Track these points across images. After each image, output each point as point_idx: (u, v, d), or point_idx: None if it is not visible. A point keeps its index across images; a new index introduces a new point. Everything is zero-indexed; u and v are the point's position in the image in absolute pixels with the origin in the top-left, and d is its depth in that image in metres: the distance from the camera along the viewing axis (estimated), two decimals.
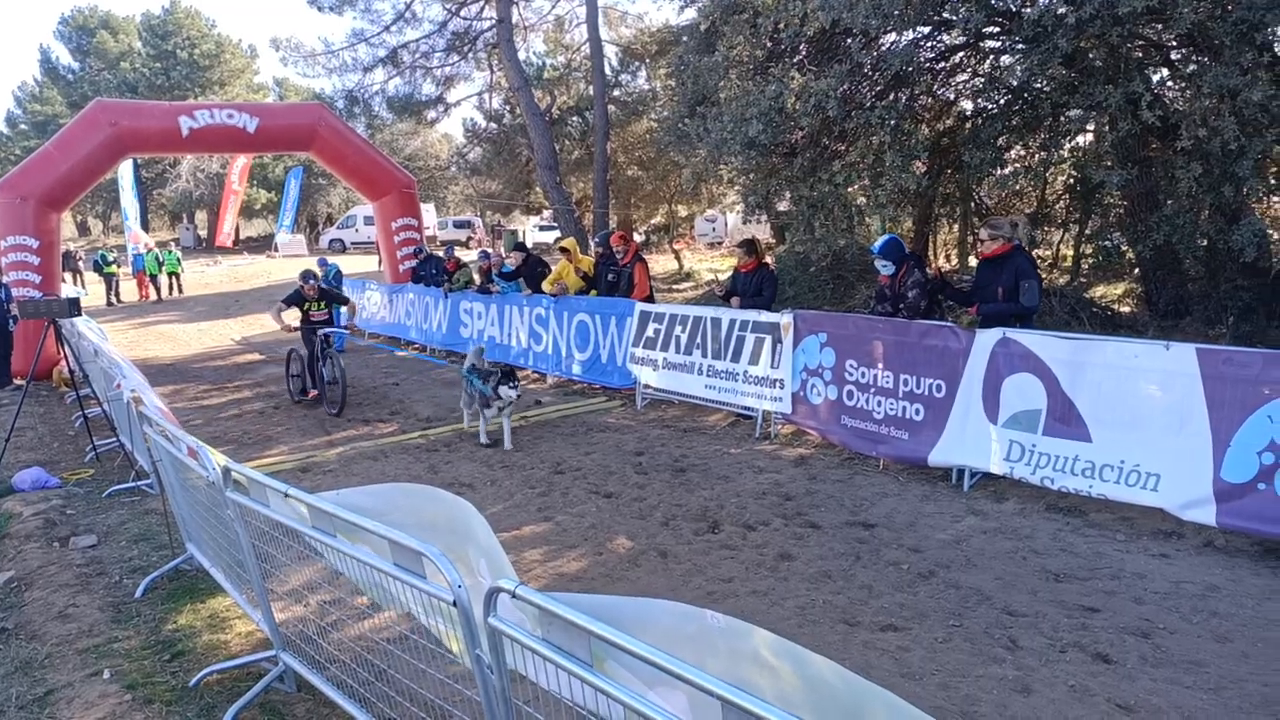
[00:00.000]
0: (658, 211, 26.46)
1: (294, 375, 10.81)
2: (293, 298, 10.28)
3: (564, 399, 10.15)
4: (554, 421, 9.11)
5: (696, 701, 1.93)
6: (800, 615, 4.44)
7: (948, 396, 6.63)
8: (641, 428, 8.64)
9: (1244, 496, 5.04)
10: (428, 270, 14.95)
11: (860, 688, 1.94)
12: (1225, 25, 6.36)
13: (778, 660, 2.10)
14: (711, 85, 9.58)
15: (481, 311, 12.72)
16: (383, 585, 2.97)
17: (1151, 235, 8.06)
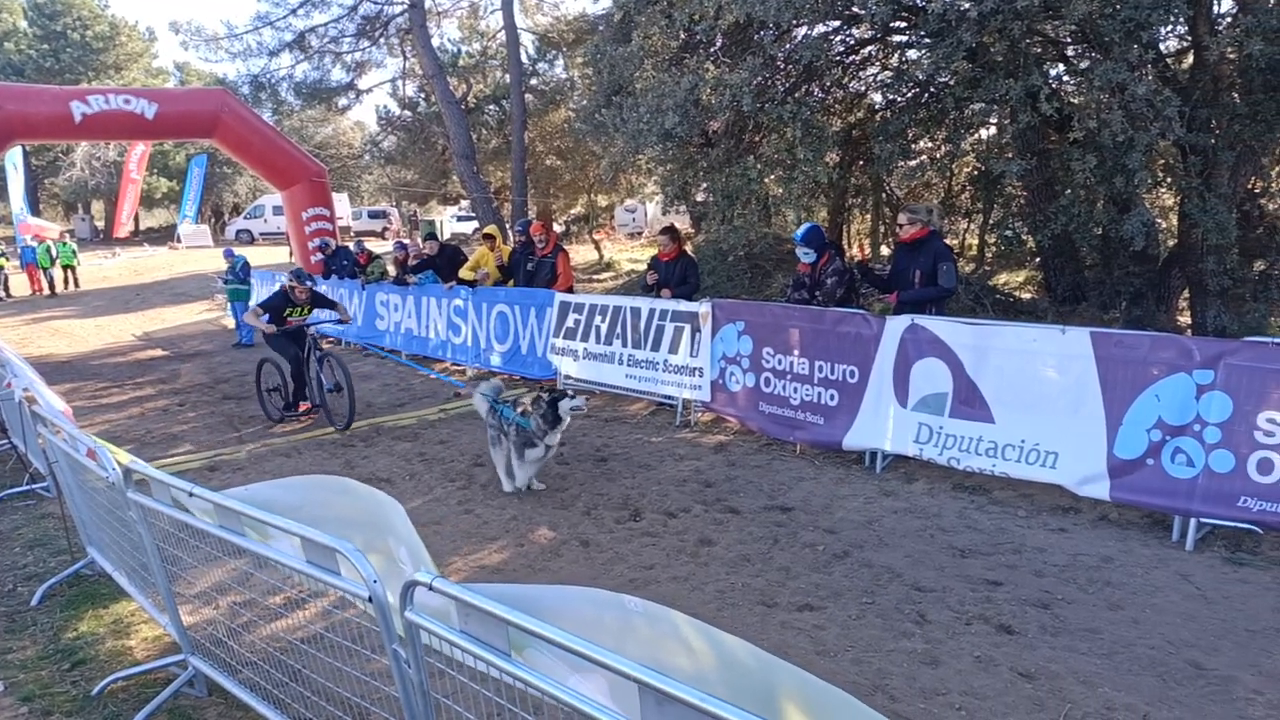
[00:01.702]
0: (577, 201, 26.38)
1: (271, 390, 8.96)
2: (274, 303, 8.59)
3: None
4: (474, 413, 9.01)
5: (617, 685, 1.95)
6: (720, 599, 4.52)
7: (860, 382, 6.81)
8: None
9: (1135, 472, 5.33)
10: (338, 263, 14.60)
11: (772, 665, 2.00)
12: (1114, 23, 6.68)
13: (695, 641, 2.14)
14: (628, 75, 9.59)
15: (398, 303, 12.48)
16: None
17: (1050, 224, 8.43)
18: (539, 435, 6.04)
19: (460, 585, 2.15)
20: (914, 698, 3.54)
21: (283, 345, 8.61)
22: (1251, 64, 7.28)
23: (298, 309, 8.65)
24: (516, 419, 6.09)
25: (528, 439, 6.07)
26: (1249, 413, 4.88)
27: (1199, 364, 5.07)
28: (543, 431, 6.02)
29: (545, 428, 6.02)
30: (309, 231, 16.65)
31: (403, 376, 11.21)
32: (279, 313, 8.56)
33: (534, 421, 6.02)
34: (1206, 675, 3.66)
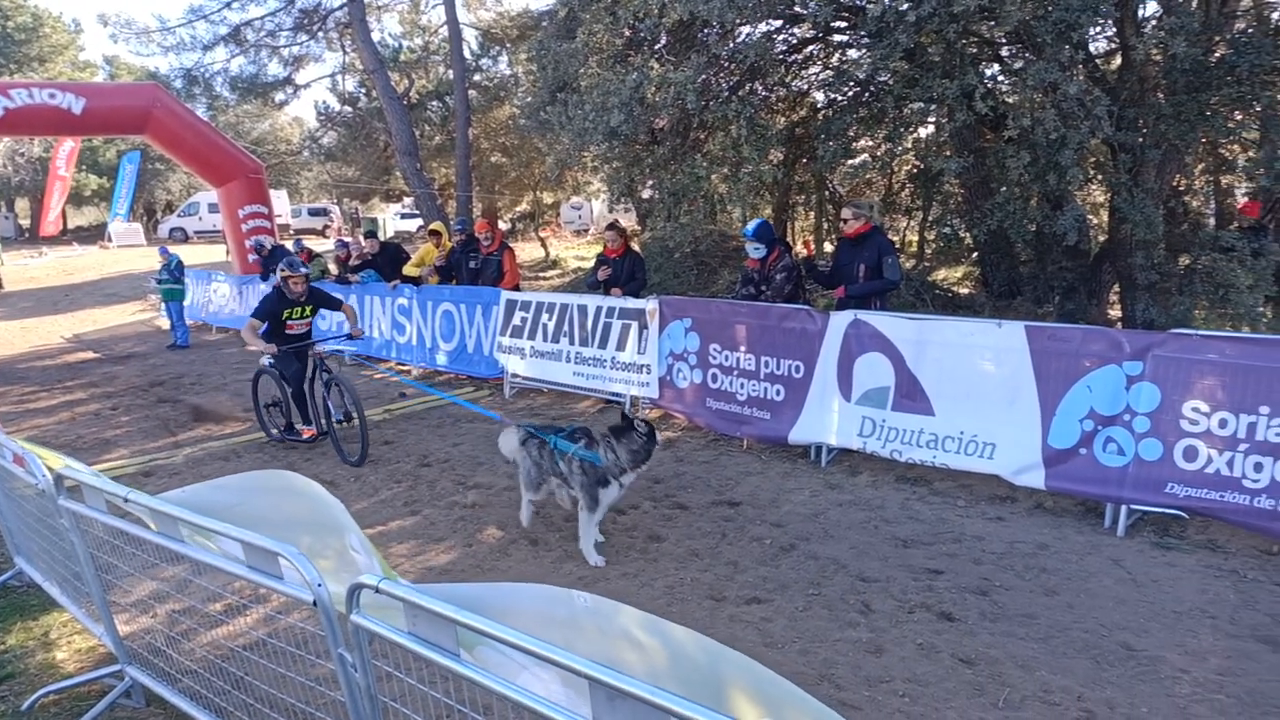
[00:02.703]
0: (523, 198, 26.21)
1: (269, 406, 7.94)
2: (270, 307, 7.35)
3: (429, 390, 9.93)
4: (420, 414, 8.92)
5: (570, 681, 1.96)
6: (669, 594, 4.54)
7: (806, 377, 6.90)
8: (512, 417, 8.56)
9: (1068, 461, 5.50)
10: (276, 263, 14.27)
11: (721, 656, 2.02)
12: (1047, 24, 6.86)
13: (644, 636, 2.15)
14: (572, 72, 9.56)
15: None
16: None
17: (986, 221, 8.63)
18: (616, 472, 4.84)
19: (408, 586, 2.14)
20: (859, 686, 3.61)
21: (285, 362, 7.45)
22: (1175, 65, 7.54)
23: (298, 309, 7.45)
24: (580, 452, 4.84)
25: (600, 477, 4.82)
26: (1176, 402, 5.07)
27: (1128, 356, 5.26)
28: (620, 468, 4.85)
29: (624, 463, 4.85)
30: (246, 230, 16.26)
31: None
32: (277, 318, 7.37)
33: (608, 454, 4.83)
34: (1137, 656, 3.80)
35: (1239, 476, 4.86)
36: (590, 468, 4.84)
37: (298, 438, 7.60)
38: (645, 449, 4.85)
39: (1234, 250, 7.85)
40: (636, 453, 4.84)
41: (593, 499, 4.85)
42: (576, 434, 5.02)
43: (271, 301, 7.37)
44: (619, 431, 4.90)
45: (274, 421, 7.91)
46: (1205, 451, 4.97)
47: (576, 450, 4.89)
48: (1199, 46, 7.33)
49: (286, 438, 7.71)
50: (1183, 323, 7.85)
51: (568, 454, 4.94)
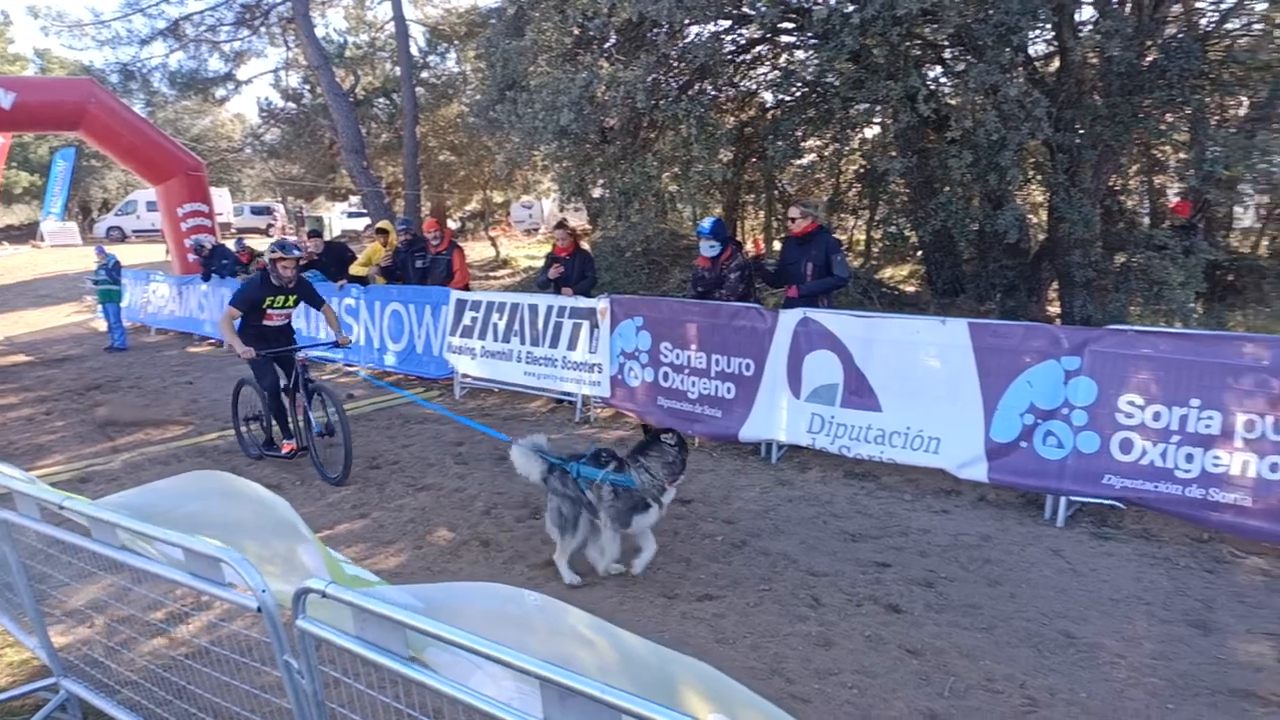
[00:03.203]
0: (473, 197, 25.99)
1: (249, 419, 7.34)
2: (250, 293, 6.70)
3: (378, 391, 9.81)
4: (368, 415, 8.80)
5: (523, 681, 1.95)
6: (622, 592, 4.54)
7: (756, 375, 6.96)
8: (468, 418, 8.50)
9: (1010, 454, 5.63)
10: (217, 263, 13.97)
11: (669, 658, 2.03)
12: (987, 28, 7.03)
13: (594, 636, 2.15)
14: (521, 70, 9.51)
15: None
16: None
17: (930, 220, 8.81)
18: (655, 492, 4.46)
19: (355, 590, 2.11)
20: (809, 679, 3.65)
21: (261, 368, 6.78)
22: (1110, 68, 7.79)
23: (281, 297, 6.78)
24: (611, 477, 4.48)
25: (636, 501, 4.47)
26: (1111, 396, 5.23)
27: (1067, 351, 5.41)
28: (659, 487, 4.47)
29: (661, 481, 4.48)
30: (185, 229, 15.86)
31: None
32: (256, 306, 6.72)
33: (642, 475, 4.47)
34: (1077, 643, 3.91)
35: (1171, 467, 5.03)
36: (625, 493, 4.44)
37: (278, 454, 7.00)
38: (679, 459, 4.54)
39: (1166, 248, 8.14)
40: (671, 465, 4.50)
41: (624, 522, 4.50)
42: (601, 456, 4.60)
43: (254, 287, 6.72)
44: (646, 448, 4.55)
45: (253, 437, 7.32)
46: (1140, 443, 5.14)
47: (606, 475, 4.47)
48: (1132, 50, 7.58)
49: (266, 454, 7.13)
50: (1118, 319, 8.10)
51: (595, 481, 4.49)
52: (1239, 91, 8.61)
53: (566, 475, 4.59)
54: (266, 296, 6.70)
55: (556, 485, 4.63)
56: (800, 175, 11.68)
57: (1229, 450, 4.85)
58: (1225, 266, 10.56)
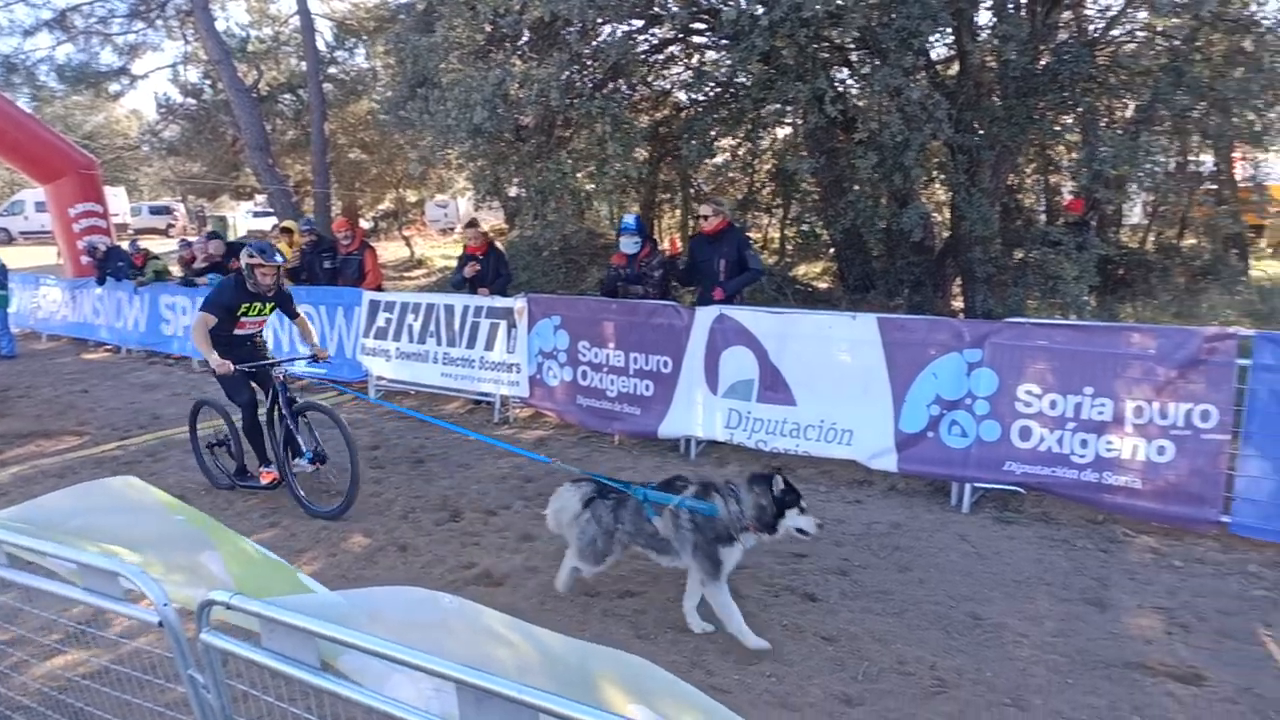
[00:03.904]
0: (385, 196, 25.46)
1: (216, 445, 6.45)
2: (224, 299, 5.88)
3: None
4: None
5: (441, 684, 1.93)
6: (543, 593, 4.53)
7: (674, 372, 7.02)
8: (376, 421, 8.34)
9: (918, 444, 5.83)
10: (112, 265, 13.33)
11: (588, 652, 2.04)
12: (890, 31, 7.25)
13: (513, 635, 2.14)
14: (433, 67, 9.35)
15: (186, 306, 11.56)
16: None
17: (840, 218, 9.03)
18: (737, 526, 3.87)
19: (262, 600, 2.05)
20: (729, 670, 3.71)
21: (235, 384, 5.89)
22: (1007, 71, 8.11)
23: (257, 305, 5.97)
24: (689, 503, 3.88)
25: (720, 533, 3.85)
26: (1011, 386, 5.46)
27: (969, 344, 5.62)
28: (740, 525, 3.87)
29: (748, 518, 3.85)
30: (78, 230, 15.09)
31: (194, 385, 10.41)
32: (231, 313, 5.89)
33: (730, 504, 3.87)
34: (983, 624, 4.07)
35: (1068, 453, 5.28)
36: (706, 522, 3.87)
37: (256, 484, 6.15)
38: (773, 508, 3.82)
39: (1061, 244, 8.52)
40: (762, 509, 3.82)
41: (712, 561, 3.86)
42: (678, 482, 4.06)
43: (228, 292, 5.90)
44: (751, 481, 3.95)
45: (221, 465, 6.46)
46: (1038, 431, 5.38)
47: (684, 501, 3.92)
48: (1027, 54, 7.90)
49: (240, 484, 6.26)
50: (1017, 312, 8.46)
51: (669, 506, 3.94)
52: (1125, 95, 9.08)
53: (622, 503, 4.08)
54: (241, 303, 5.88)
55: (601, 517, 4.11)
56: (714, 174, 11.82)
57: (1120, 435, 5.12)
58: (1116, 261, 11.12)
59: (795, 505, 3.84)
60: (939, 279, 10.62)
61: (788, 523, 3.84)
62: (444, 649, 1.93)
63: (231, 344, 5.89)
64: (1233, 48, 7.64)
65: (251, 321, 6.07)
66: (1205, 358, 4.87)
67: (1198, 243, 11.80)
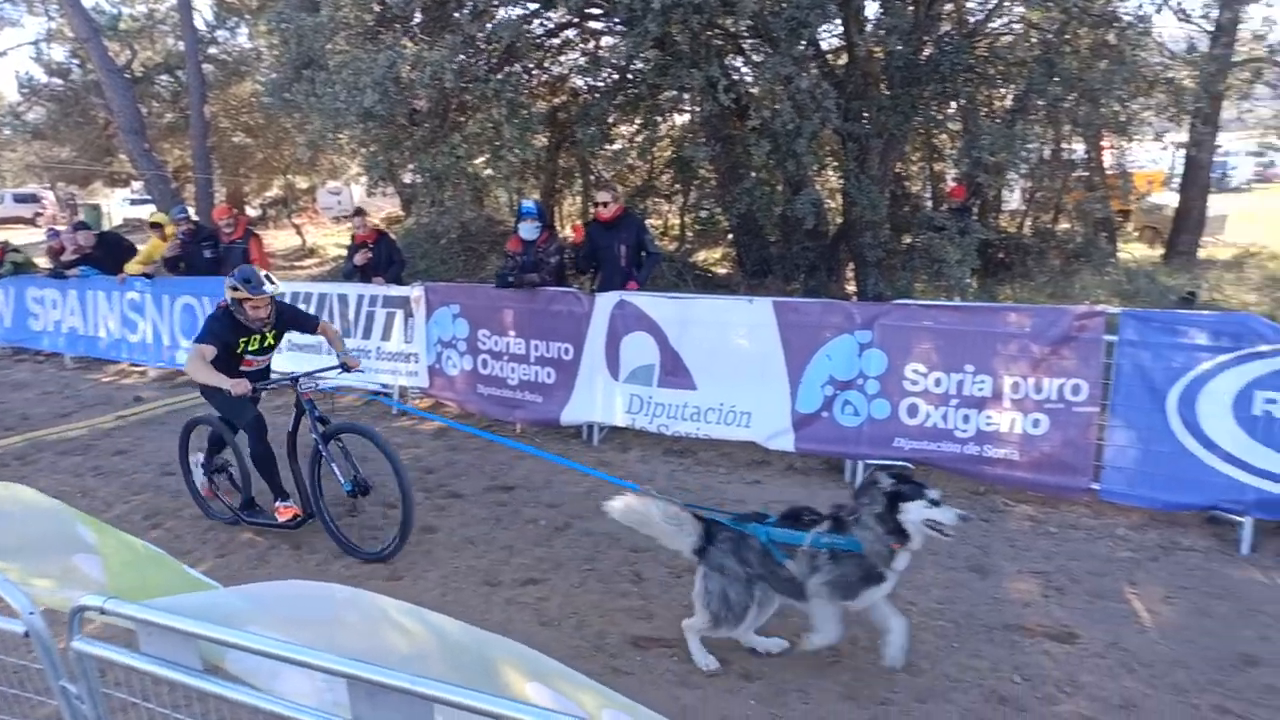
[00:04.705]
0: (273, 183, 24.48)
1: (216, 471, 5.57)
2: (218, 330, 4.96)
3: (171, 392, 9.09)
4: (160, 418, 8.14)
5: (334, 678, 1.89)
6: (444, 584, 4.47)
7: (575, 359, 7.01)
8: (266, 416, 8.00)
9: (813, 424, 5.99)
10: None
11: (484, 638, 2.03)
12: (781, 21, 7.38)
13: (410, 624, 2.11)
14: (319, 48, 9.02)
15: (57, 299, 10.87)
16: None
17: (737, 205, 9.17)
18: (884, 555, 3.42)
19: (139, 604, 1.96)
20: (631, 652, 3.75)
21: (237, 402, 4.86)
22: (892, 61, 8.37)
23: (256, 338, 5.07)
24: (825, 540, 3.45)
25: (867, 570, 3.43)
26: (899, 365, 5.67)
27: (859, 325, 5.80)
28: (889, 550, 3.41)
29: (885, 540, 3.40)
30: None
31: (67, 383, 9.82)
32: (230, 350, 5.00)
33: (865, 535, 3.41)
34: None
35: (951, 428, 5.53)
36: (851, 560, 3.42)
37: (269, 521, 5.20)
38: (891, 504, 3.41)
39: (945, 229, 8.86)
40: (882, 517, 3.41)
41: (850, 595, 3.47)
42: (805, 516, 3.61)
43: (220, 324, 4.96)
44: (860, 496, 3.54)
45: (222, 494, 5.57)
46: (924, 408, 5.61)
47: (819, 539, 3.46)
48: (910, 45, 8.18)
49: (247, 520, 5.30)
50: (906, 294, 8.78)
51: (802, 547, 3.48)
52: (1002, 85, 9.50)
53: (742, 544, 3.58)
54: (239, 338, 5.01)
55: (727, 564, 3.55)
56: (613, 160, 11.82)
57: (999, 410, 5.39)
58: (996, 245, 11.63)
59: (917, 498, 3.36)
60: (833, 263, 10.91)
61: (912, 518, 3.35)
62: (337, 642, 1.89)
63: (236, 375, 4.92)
64: (1098, 41, 8.08)
65: (258, 358, 5.20)
66: (1076, 335, 5.17)
67: (1071, 227, 12.46)
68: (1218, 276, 11.46)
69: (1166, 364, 4.93)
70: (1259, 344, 4.68)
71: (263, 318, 4.96)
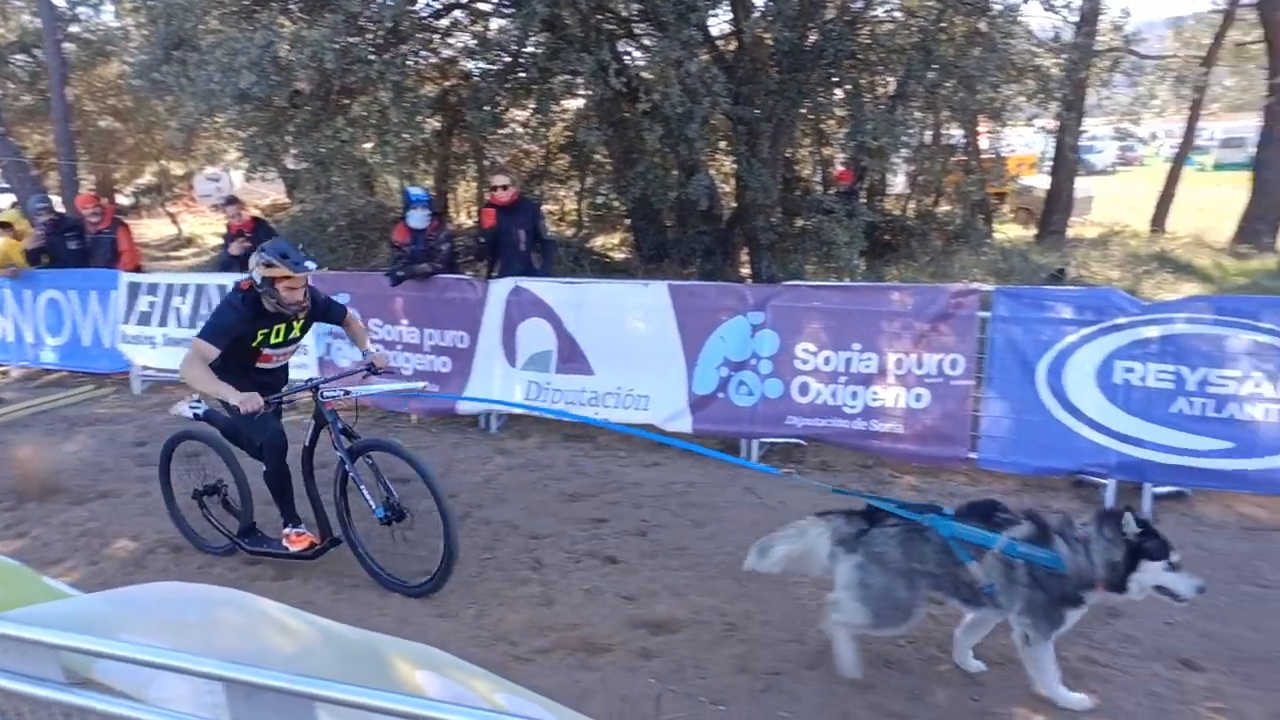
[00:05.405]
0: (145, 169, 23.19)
1: (205, 493, 4.81)
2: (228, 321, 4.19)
3: (36, 393, 8.54)
4: (25, 421, 7.63)
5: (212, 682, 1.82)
6: (336, 583, 4.36)
7: (471, 347, 6.92)
8: (143, 415, 7.63)
9: (709, 405, 6.09)
10: None
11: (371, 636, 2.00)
12: (669, 4, 7.43)
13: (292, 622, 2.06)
14: (189, 27, 8.58)
15: None
16: None
17: (632, 189, 9.21)
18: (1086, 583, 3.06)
19: None
20: (532, 638, 3.75)
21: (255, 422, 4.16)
22: (780, 47, 8.53)
23: (281, 327, 4.33)
24: (1027, 551, 3.07)
25: (1066, 593, 3.08)
26: (790, 345, 5.82)
27: (752, 307, 5.92)
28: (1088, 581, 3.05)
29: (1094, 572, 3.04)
30: None
31: None
32: (245, 344, 4.25)
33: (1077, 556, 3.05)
34: None
35: (840, 405, 5.71)
36: (1050, 577, 3.07)
37: (278, 550, 4.49)
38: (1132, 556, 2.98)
39: (833, 212, 9.13)
40: (1114, 565, 3.00)
41: (1050, 623, 3.11)
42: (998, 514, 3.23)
43: (235, 315, 4.19)
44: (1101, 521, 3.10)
45: (217, 519, 4.78)
46: (815, 386, 5.77)
47: (1014, 547, 3.09)
48: (795, 31, 8.35)
49: (249, 549, 4.56)
50: (798, 276, 8.99)
51: (993, 551, 3.12)
52: (883, 71, 9.82)
53: (916, 536, 3.23)
54: (259, 330, 4.25)
55: (887, 552, 3.23)
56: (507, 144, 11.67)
57: (884, 386, 5.60)
58: (882, 227, 12.03)
59: (1160, 559, 2.97)
60: (728, 247, 11.08)
61: (1145, 579, 2.98)
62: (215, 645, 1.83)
63: (249, 376, 4.28)
64: (971, 29, 8.44)
65: (279, 351, 4.45)
66: (953, 312, 5.41)
67: (951, 209, 13.00)
68: (1085, 254, 12.15)
69: (1036, 337, 5.21)
70: (1118, 317, 5.01)
71: (299, 300, 4.21)
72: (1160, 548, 2.98)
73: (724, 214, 11.49)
